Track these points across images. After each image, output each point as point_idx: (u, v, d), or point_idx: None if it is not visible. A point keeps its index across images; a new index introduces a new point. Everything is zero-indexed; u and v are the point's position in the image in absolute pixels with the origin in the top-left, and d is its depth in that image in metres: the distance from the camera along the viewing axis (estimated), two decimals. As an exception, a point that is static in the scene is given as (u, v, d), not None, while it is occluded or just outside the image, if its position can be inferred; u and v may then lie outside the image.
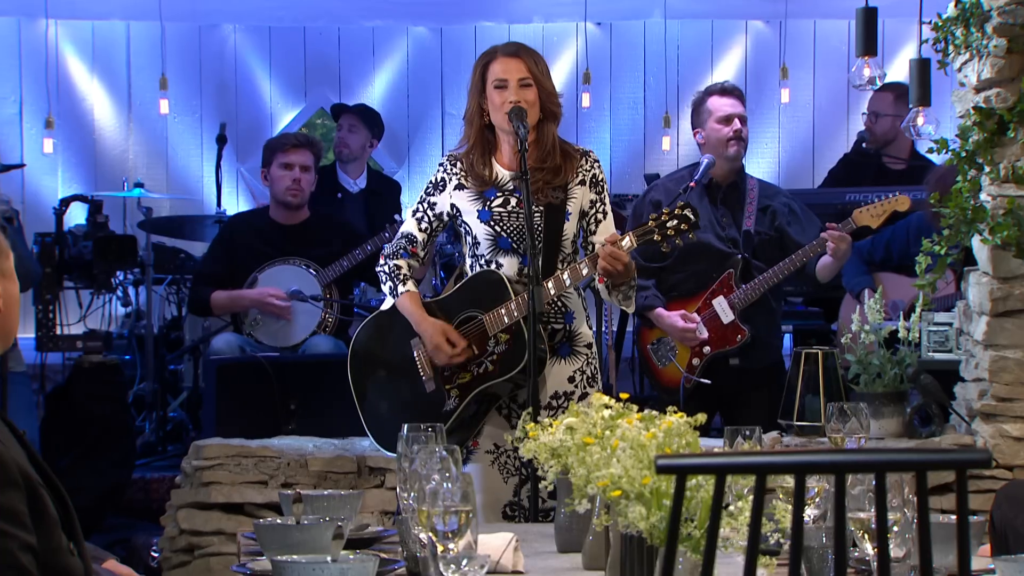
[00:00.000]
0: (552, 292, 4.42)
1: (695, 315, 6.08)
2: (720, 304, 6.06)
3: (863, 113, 8.11)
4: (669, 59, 10.00)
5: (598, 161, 4.65)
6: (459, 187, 4.57)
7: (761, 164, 9.74)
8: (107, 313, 8.32)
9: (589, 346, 4.63)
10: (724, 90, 6.09)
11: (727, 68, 10.13)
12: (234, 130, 9.55)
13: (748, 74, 10.07)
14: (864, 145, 8.08)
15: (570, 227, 4.54)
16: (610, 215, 4.63)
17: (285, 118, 10.16)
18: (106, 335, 7.39)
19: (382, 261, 4.61)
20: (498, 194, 4.55)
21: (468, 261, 4.62)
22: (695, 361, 6.10)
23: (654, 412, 2.72)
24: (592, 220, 4.60)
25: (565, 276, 4.43)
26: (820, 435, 5.26)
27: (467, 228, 4.56)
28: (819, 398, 5.36)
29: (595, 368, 4.64)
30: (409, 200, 9.83)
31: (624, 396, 2.80)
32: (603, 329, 6.99)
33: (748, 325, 6.03)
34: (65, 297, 7.87)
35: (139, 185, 8.40)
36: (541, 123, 4.52)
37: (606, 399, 2.74)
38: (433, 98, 10.27)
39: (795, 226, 6.11)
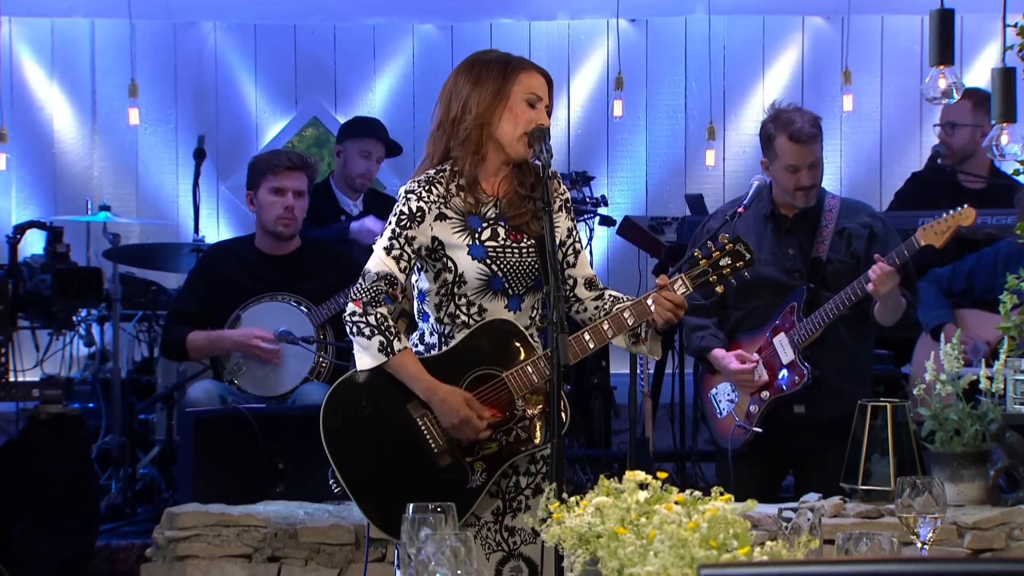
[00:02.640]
0: (591, 346, 4.41)
1: (754, 355, 6.09)
2: (780, 342, 6.07)
3: (936, 124, 8.11)
4: (714, 61, 10.01)
5: (563, 182, 4.71)
6: (440, 217, 4.46)
7: (820, 182, 9.73)
8: (68, 355, 8.35)
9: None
10: (799, 137, 6.05)
11: (781, 71, 10.14)
12: (214, 143, 9.60)
13: (805, 78, 10.09)
14: (939, 161, 8.05)
15: (559, 258, 4.56)
16: (583, 245, 4.68)
17: (272, 129, 10.19)
18: (66, 381, 7.42)
19: (359, 309, 4.40)
20: (483, 225, 4.50)
21: (434, 300, 4.51)
22: (752, 408, 6.11)
23: (697, 494, 2.71)
24: (570, 251, 4.60)
25: (587, 337, 4.43)
26: (888, 501, 5.25)
27: (450, 264, 4.49)
28: (887, 459, 5.35)
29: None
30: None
31: (663, 476, 2.80)
32: (637, 373, 6.98)
33: (811, 366, 6.02)
34: (20, 338, 7.86)
35: (105, 208, 8.42)
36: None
37: (641, 475, 2.73)
38: (443, 106, 10.28)
39: (876, 248, 6.09)
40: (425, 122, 10.76)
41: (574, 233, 4.61)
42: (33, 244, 8.19)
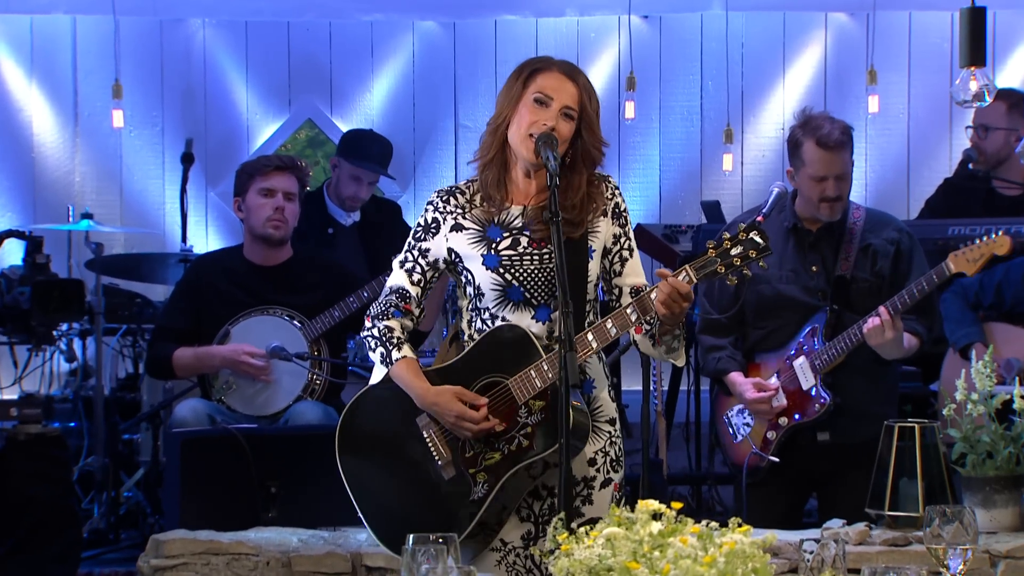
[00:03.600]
0: (594, 345, 4.41)
1: (772, 382, 6.07)
2: (801, 366, 6.06)
3: (968, 127, 8.10)
4: (731, 60, 10.02)
5: (618, 188, 4.68)
6: (456, 228, 4.56)
7: (844, 188, 9.73)
8: (48, 372, 8.34)
9: (612, 422, 4.62)
10: (827, 143, 6.02)
11: (802, 71, 10.14)
12: (203, 147, 9.61)
13: (828, 78, 10.10)
14: (971, 166, 8.04)
15: (594, 267, 4.55)
16: (636, 252, 4.63)
17: (265, 132, 10.21)
18: (46, 400, 7.39)
19: (369, 324, 4.59)
20: (504, 234, 4.54)
21: (467, 316, 4.61)
22: (770, 435, 6.10)
23: (714, 525, 2.70)
24: (616, 258, 4.60)
25: (609, 325, 4.42)
26: (916, 527, 5.23)
27: (469, 276, 4.55)
28: (916, 483, 5.33)
29: (620, 449, 4.64)
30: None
31: (677, 506, 2.79)
32: (650, 390, 6.99)
33: (832, 392, 6.01)
34: (-3, 354, 7.90)
35: (87, 216, 8.42)
36: (569, 167, 4.52)
37: (654, 505, 2.72)
38: (445, 108, 10.31)
39: (902, 266, 6.07)
40: (426, 125, 10.92)
41: (621, 240, 4.60)
42: (11, 254, 8.19)
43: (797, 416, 6.05)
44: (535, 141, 4.41)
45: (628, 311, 4.40)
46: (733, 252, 4.41)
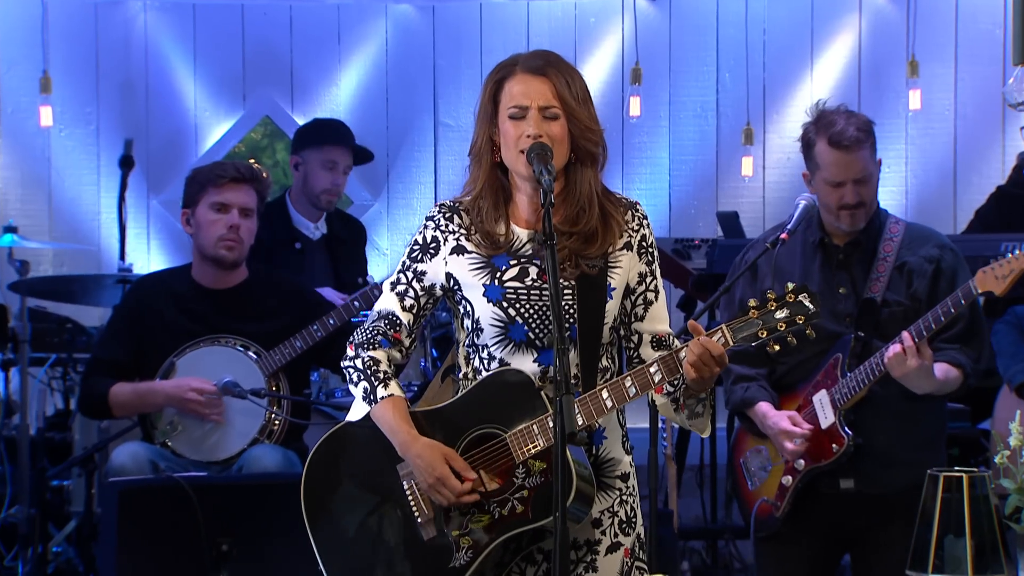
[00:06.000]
0: (608, 405, 4.37)
1: (806, 425, 6.03)
2: (821, 401, 6.04)
3: (1023, 127, 8.13)
4: (752, 49, 10.05)
5: (647, 217, 4.65)
6: (458, 250, 4.55)
7: (881, 196, 9.67)
8: (-35, 409, 8.37)
9: (625, 477, 4.59)
10: (840, 142, 6.00)
11: (833, 61, 10.17)
12: (144, 149, 9.62)
13: (863, 69, 10.13)
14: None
15: (612, 307, 4.53)
16: (663, 295, 4.62)
17: (215, 131, 10.23)
18: (-37, 441, 7.43)
19: (352, 352, 4.56)
20: (512, 262, 4.53)
21: (463, 351, 4.61)
22: (785, 480, 6.09)
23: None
24: (640, 300, 4.59)
25: (628, 383, 4.39)
26: (966, 591, 5.25)
27: (467, 307, 4.55)
28: (964, 541, 5.34)
29: (632, 508, 4.63)
30: (385, 247, 9.87)
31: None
32: (659, 429, 7.00)
33: (857, 430, 6.00)
34: (-94, 389, 7.92)
35: (11, 229, 8.42)
36: (573, 168, 4.52)
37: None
38: (422, 102, 10.34)
39: (942, 287, 6.05)
40: (401, 122, 10.94)
41: (647, 279, 4.59)
42: (-78, 275, 8.22)
43: (815, 459, 6.03)
44: (527, 156, 4.43)
45: (652, 370, 4.39)
46: (778, 315, 4.42)
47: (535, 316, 4.48)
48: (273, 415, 6.80)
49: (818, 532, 6.11)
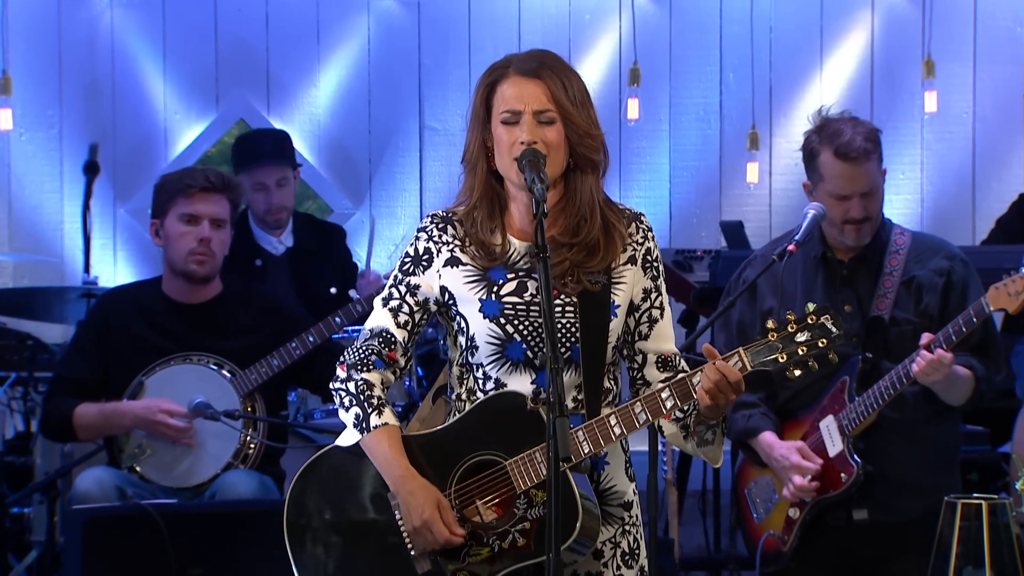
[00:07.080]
0: (616, 432, 4.37)
1: (818, 459, 6.02)
2: (828, 427, 6.04)
3: (1047, 132, 8.17)
4: (758, 48, 10.07)
5: (652, 230, 4.65)
6: (452, 262, 4.55)
7: (894, 205, 9.73)
8: (-81, 432, 8.38)
9: (627, 506, 4.59)
10: (846, 153, 5.98)
11: (843, 62, 10.19)
12: (110, 154, 9.63)
13: (876, 70, 10.15)
14: (1050, 179, 8.10)
15: (616, 326, 4.53)
16: (668, 312, 4.62)
17: (186, 135, 10.23)
18: (-83, 466, 7.43)
19: (343, 373, 4.54)
20: (509, 276, 4.53)
21: (456, 371, 4.60)
22: (792, 512, 6.10)
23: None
24: (644, 318, 4.59)
25: (639, 409, 4.38)
26: (986, 627, 5.26)
27: (462, 324, 4.55)
28: (983, 572, 5.36)
29: (636, 539, 4.62)
30: (368, 252, 9.88)
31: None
32: (659, 452, 7.01)
33: (867, 457, 6.00)
34: None
35: (-32, 240, 8.46)
36: (572, 175, 4.53)
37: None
38: (407, 105, 10.35)
39: (953, 301, 6.06)
40: (384, 125, 10.95)
41: (652, 296, 4.58)
42: None
43: (822, 489, 6.03)
44: (518, 164, 4.43)
45: (663, 395, 4.38)
46: (799, 339, 4.40)
47: (534, 334, 4.48)
48: (248, 438, 6.80)
49: (828, 566, 6.11)
